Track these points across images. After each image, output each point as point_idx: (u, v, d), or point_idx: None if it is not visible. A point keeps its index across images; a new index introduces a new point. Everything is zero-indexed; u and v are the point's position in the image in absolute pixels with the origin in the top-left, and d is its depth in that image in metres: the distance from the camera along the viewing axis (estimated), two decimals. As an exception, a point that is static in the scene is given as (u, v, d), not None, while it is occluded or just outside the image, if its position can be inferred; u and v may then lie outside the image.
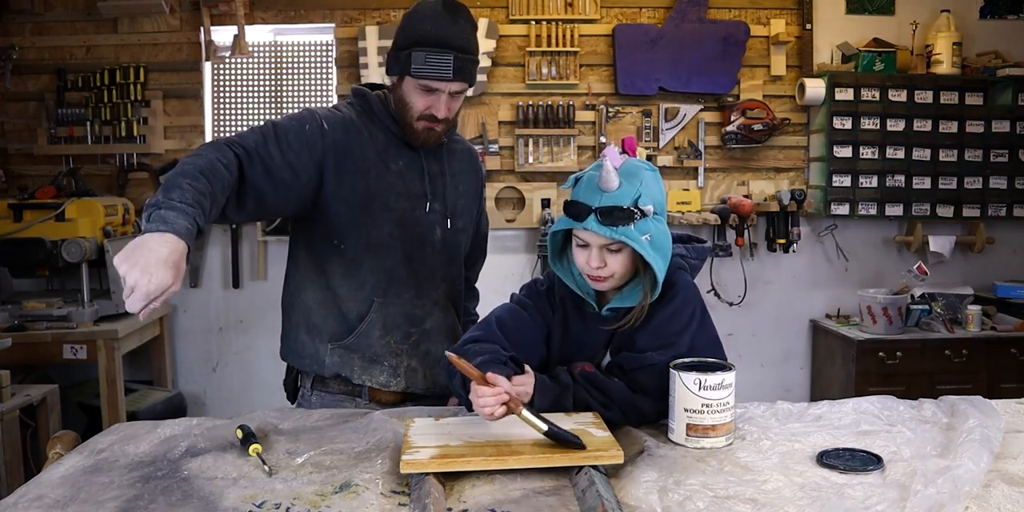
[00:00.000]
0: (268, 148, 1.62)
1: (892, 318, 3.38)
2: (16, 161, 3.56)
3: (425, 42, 1.66)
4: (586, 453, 1.22)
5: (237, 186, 1.55)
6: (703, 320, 1.52)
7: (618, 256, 1.42)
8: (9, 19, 3.53)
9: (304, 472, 1.25)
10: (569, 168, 3.57)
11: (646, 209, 1.39)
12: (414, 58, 1.66)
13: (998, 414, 1.45)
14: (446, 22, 1.68)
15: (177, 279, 1.25)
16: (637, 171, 1.41)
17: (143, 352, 3.53)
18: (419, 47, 1.66)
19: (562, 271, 1.53)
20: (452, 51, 1.66)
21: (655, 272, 1.40)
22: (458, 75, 1.69)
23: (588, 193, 1.40)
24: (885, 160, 3.60)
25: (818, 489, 1.16)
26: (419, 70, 1.67)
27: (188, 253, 1.30)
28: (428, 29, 1.67)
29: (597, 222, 1.37)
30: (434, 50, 1.66)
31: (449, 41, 1.67)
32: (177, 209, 1.31)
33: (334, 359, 1.79)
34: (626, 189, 1.38)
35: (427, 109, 1.72)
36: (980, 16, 3.75)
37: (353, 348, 1.78)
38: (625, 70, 3.57)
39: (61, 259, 2.99)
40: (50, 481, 1.21)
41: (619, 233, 1.37)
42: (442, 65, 1.66)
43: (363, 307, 1.77)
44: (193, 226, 1.31)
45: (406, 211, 1.78)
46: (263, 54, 3.67)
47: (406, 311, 1.80)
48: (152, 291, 1.20)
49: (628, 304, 1.47)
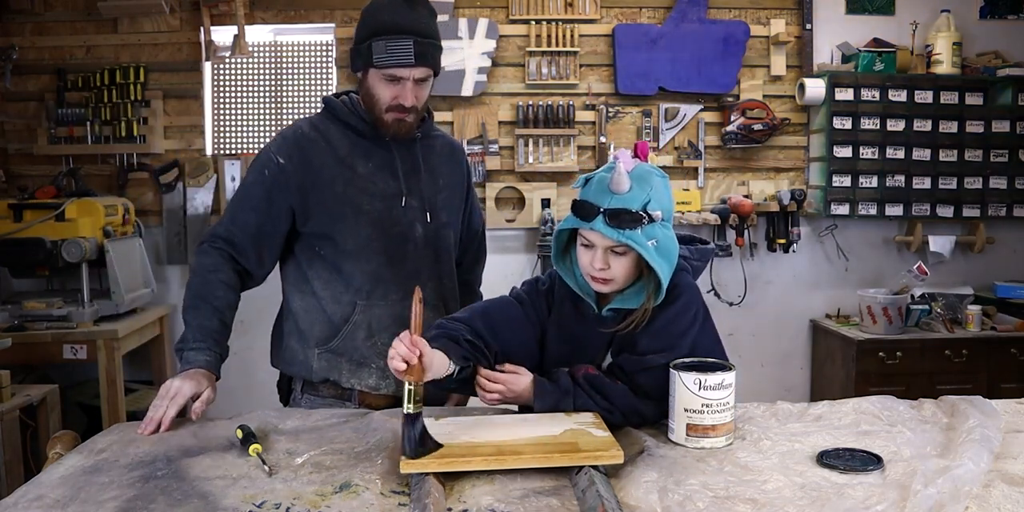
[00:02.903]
0: (244, 218, 1.76)
1: (892, 318, 3.38)
2: (16, 161, 3.56)
3: (383, 30, 1.66)
4: (586, 453, 1.22)
5: (244, 273, 1.81)
6: (705, 322, 1.52)
7: (622, 259, 1.42)
8: (9, 19, 3.53)
9: (304, 472, 1.25)
10: (569, 168, 3.57)
11: (655, 214, 1.39)
12: (374, 48, 1.66)
13: (998, 414, 1.45)
14: (403, 9, 1.67)
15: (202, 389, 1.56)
16: (648, 176, 1.41)
17: (143, 352, 3.52)
18: (377, 37, 1.66)
19: (564, 270, 1.53)
20: (411, 36, 1.65)
21: (659, 277, 1.40)
22: (420, 60, 1.67)
23: (598, 194, 1.39)
24: (885, 160, 3.60)
25: (818, 489, 1.16)
26: (380, 59, 1.66)
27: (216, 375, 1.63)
28: (385, 18, 1.67)
29: (604, 223, 1.37)
30: (393, 37, 1.65)
31: (407, 26, 1.66)
32: (196, 349, 1.64)
33: (322, 363, 1.78)
34: (636, 193, 1.38)
35: (394, 99, 1.71)
36: (980, 16, 3.74)
37: (339, 351, 1.77)
38: (625, 70, 3.57)
39: (61, 259, 2.99)
40: (50, 481, 1.21)
41: (625, 236, 1.37)
42: (402, 51, 1.65)
43: (347, 310, 1.77)
44: (214, 357, 1.64)
45: (382, 212, 1.77)
46: (263, 54, 3.66)
47: (393, 312, 1.78)
48: (155, 418, 1.48)
49: (629, 306, 1.47)
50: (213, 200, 3.61)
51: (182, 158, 3.61)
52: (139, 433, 1.44)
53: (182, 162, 3.60)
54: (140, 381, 3.55)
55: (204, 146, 3.63)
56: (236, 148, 3.69)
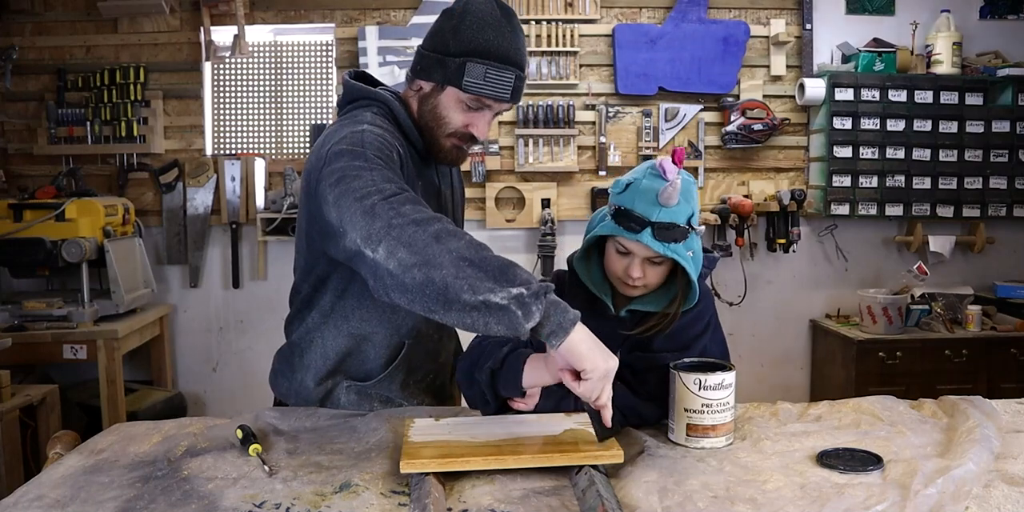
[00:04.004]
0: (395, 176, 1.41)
1: (892, 318, 3.38)
2: (16, 161, 3.56)
3: (487, 54, 1.46)
4: (586, 453, 1.23)
5: None
6: (716, 327, 1.55)
7: (659, 268, 1.43)
8: (9, 19, 3.53)
9: (304, 472, 1.25)
10: (569, 168, 3.57)
11: (698, 228, 1.41)
12: (468, 70, 1.46)
13: (998, 414, 1.45)
14: (508, 32, 1.47)
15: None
16: (691, 188, 1.42)
17: (143, 352, 3.53)
18: (478, 59, 1.46)
19: (581, 268, 1.51)
20: (515, 69, 1.48)
21: (694, 286, 1.41)
22: (515, 97, 1.52)
23: (645, 205, 1.37)
24: (885, 160, 3.60)
25: (818, 489, 1.16)
26: (474, 85, 1.47)
27: None
28: (490, 39, 1.46)
29: (652, 237, 1.36)
30: (497, 66, 1.46)
31: (513, 57, 1.48)
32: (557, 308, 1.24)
33: (351, 397, 1.63)
34: (683, 206, 1.38)
35: (465, 127, 1.54)
36: (980, 16, 3.74)
37: (371, 388, 1.64)
38: (625, 70, 3.57)
39: (61, 259, 2.99)
40: (50, 481, 1.21)
41: (671, 250, 1.37)
42: (502, 84, 1.48)
43: (394, 352, 1.63)
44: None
45: None
46: (263, 54, 3.67)
47: (429, 348, 1.69)
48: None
49: (649, 308, 1.47)
50: (213, 200, 3.61)
51: (182, 158, 3.61)
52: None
53: (182, 162, 3.60)
54: (140, 381, 3.56)
55: (204, 146, 3.63)
56: (236, 148, 3.69)
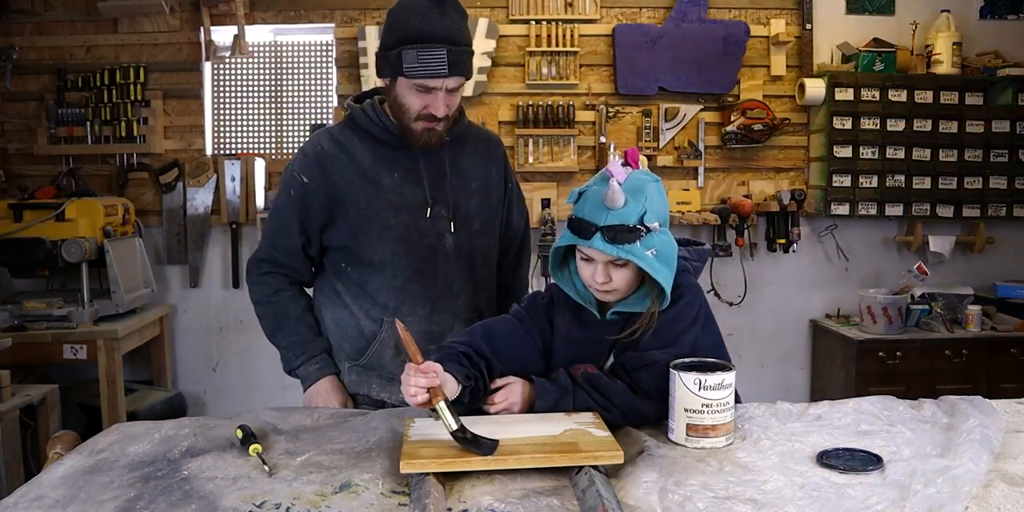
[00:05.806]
0: (283, 242, 1.78)
1: (892, 318, 3.38)
2: (16, 161, 3.56)
3: (414, 38, 1.57)
4: (586, 453, 1.22)
5: (302, 282, 1.88)
6: (707, 321, 1.53)
7: (623, 270, 1.42)
8: (9, 19, 3.53)
9: (304, 472, 1.25)
10: (569, 168, 3.57)
11: (652, 226, 1.38)
12: (404, 57, 1.58)
13: (998, 414, 1.45)
14: (434, 15, 1.58)
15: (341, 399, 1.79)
16: (642, 186, 1.40)
17: (143, 352, 3.53)
18: (408, 45, 1.57)
19: (563, 280, 1.53)
20: (444, 45, 1.57)
21: (662, 285, 1.40)
22: (454, 70, 1.60)
23: (593, 211, 1.38)
24: (885, 160, 3.60)
25: (818, 489, 1.16)
26: (412, 69, 1.58)
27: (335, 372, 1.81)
28: (416, 24, 1.57)
29: (603, 241, 1.36)
30: (425, 46, 1.57)
31: (439, 34, 1.58)
32: (302, 365, 1.80)
33: (352, 378, 1.79)
34: (632, 206, 1.37)
35: (424, 109, 1.65)
36: (980, 16, 3.74)
37: (369, 367, 1.77)
38: (625, 70, 3.57)
39: (61, 259, 2.99)
40: (50, 481, 1.21)
41: (625, 251, 1.36)
42: (435, 61, 1.57)
43: (375, 327, 1.75)
44: (322, 362, 1.80)
45: (408, 225, 1.73)
46: (263, 54, 3.66)
47: (422, 328, 1.74)
48: None
49: (632, 309, 1.47)
50: (213, 200, 3.61)
51: (182, 158, 3.61)
52: None
53: (182, 162, 3.60)
54: (140, 381, 3.55)
55: (204, 146, 3.63)
56: (236, 148, 3.69)
